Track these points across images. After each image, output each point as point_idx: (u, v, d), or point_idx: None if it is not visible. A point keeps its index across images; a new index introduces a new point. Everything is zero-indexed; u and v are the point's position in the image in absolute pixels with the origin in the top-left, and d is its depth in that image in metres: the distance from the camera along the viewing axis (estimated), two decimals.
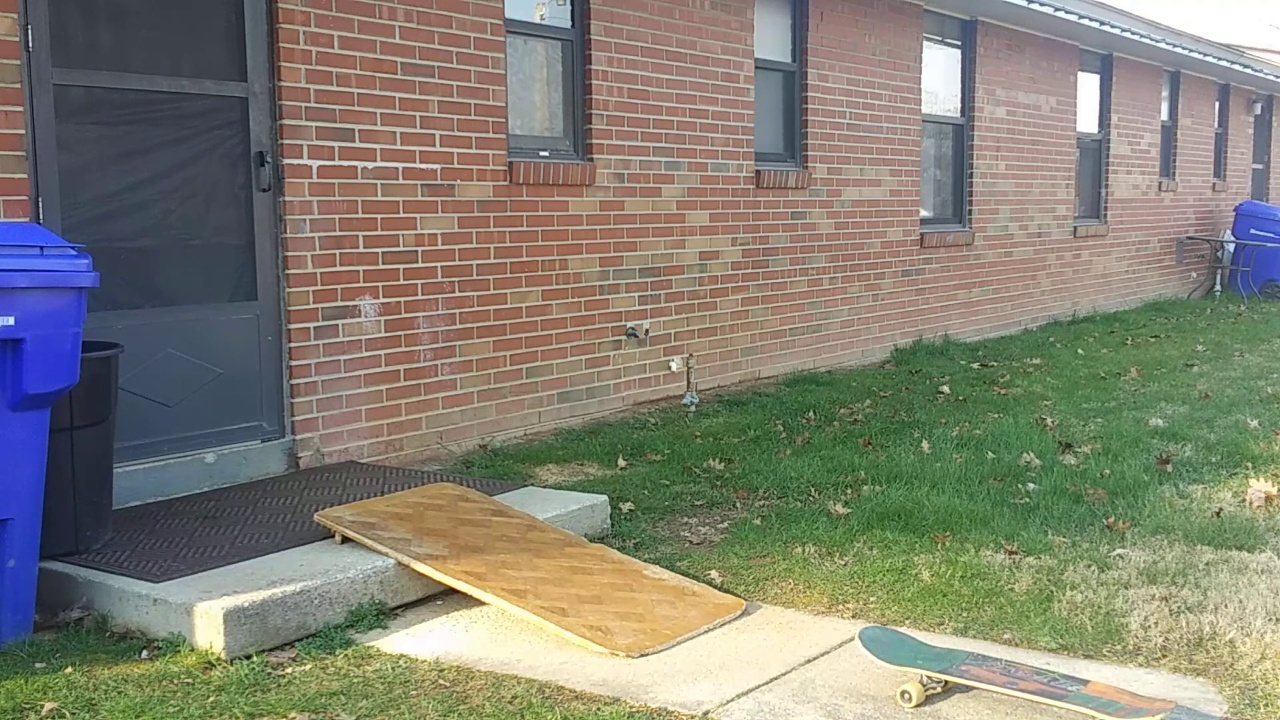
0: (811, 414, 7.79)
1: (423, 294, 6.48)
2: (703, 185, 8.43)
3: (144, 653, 3.92)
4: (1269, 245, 16.65)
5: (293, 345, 5.88)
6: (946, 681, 3.57)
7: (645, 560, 4.81)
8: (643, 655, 3.93)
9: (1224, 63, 16.24)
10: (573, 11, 7.52)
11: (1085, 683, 3.44)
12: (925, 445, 6.77)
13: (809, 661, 3.87)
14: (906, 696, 3.53)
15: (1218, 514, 5.39)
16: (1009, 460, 6.40)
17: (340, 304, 6.07)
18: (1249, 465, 6.30)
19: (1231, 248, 17.26)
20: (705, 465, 6.40)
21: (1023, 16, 11.87)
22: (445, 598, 4.45)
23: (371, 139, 6.18)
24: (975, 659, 3.66)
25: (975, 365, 10.06)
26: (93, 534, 4.46)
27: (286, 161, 5.80)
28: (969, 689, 3.58)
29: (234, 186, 5.69)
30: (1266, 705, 3.51)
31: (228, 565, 4.30)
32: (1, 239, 3.89)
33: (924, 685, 3.54)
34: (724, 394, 8.49)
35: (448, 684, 3.73)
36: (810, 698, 3.60)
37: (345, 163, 6.06)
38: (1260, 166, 19.95)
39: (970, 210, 11.89)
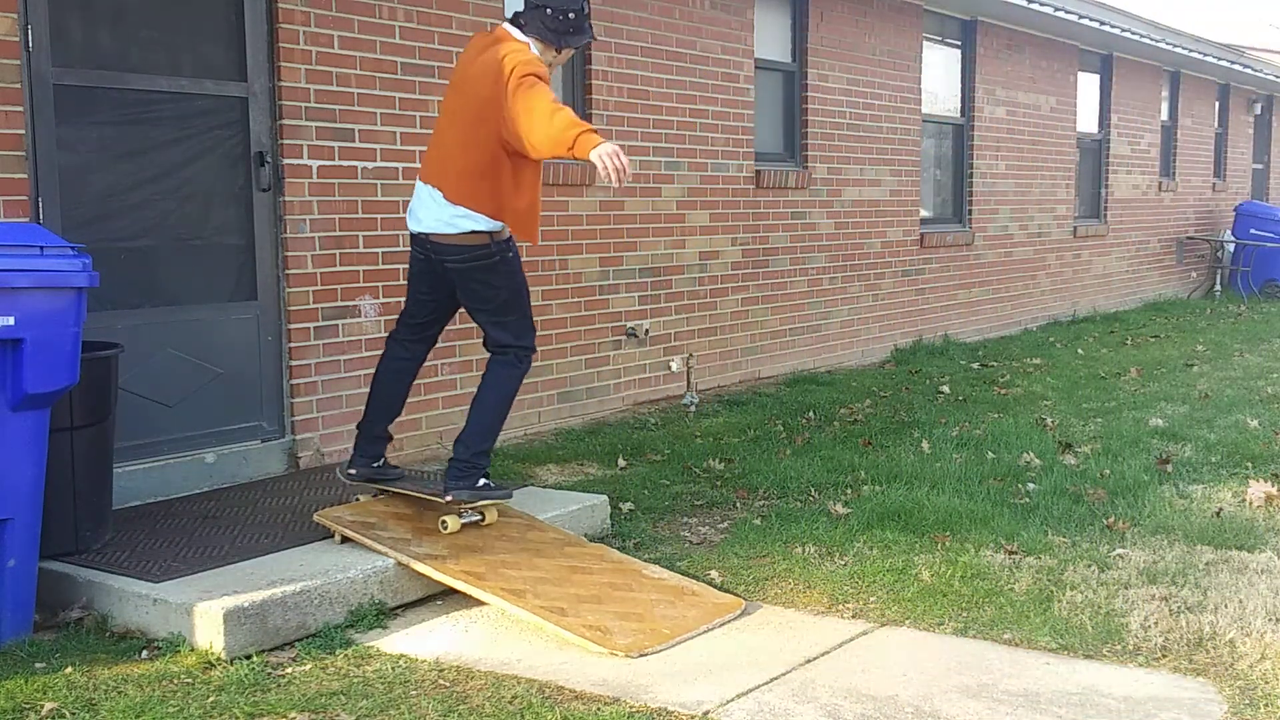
0: (811, 414, 7.80)
1: None
2: (703, 185, 8.43)
3: (144, 653, 3.92)
4: (1269, 245, 16.65)
5: (293, 345, 5.88)
6: (369, 484, 5.00)
7: (645, 560, 4.81)
8: (642, 655, 3.92)
9: (1224, 63, 16.24)
10: None
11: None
12: (925, 445, 6.77)
13: (809, 661, 3.87)
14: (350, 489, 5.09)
15: (1218, 514, 5.39)
16: (1009, 460, 6.40)
17: (340, 304, 6.07)
18: (1249, 465, 6.30)
19: (1231, 248, 17.26)
20: (705, 465, 6.40)
21: (1023, 16, 11.87)
22: (445, 597, 4.45)
23: (371, 139, 6.18)
24: (393, 470, 5.10)
25: (975, 365, 10.07)
26: (93, 534, 4.46)
27: (286, 161, 5.80)
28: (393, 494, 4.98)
29: (234, 186, 5.69)
30: (1266, 705, 3.51)
31: (228, 565, 4.30)
32: (1, 239, 3.89)
33: (374, 495, 5.00)
34: (724, 394, 8.50)
35: (448, 684, 3.73)
36: (810, 698, 3.60)
37: (345, 163, 6.06)
38: (1260, 166, 19.96)
39: (970, 210, 11.89)
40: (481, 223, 4.58)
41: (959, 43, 11.73)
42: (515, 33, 4.65)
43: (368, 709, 3.54)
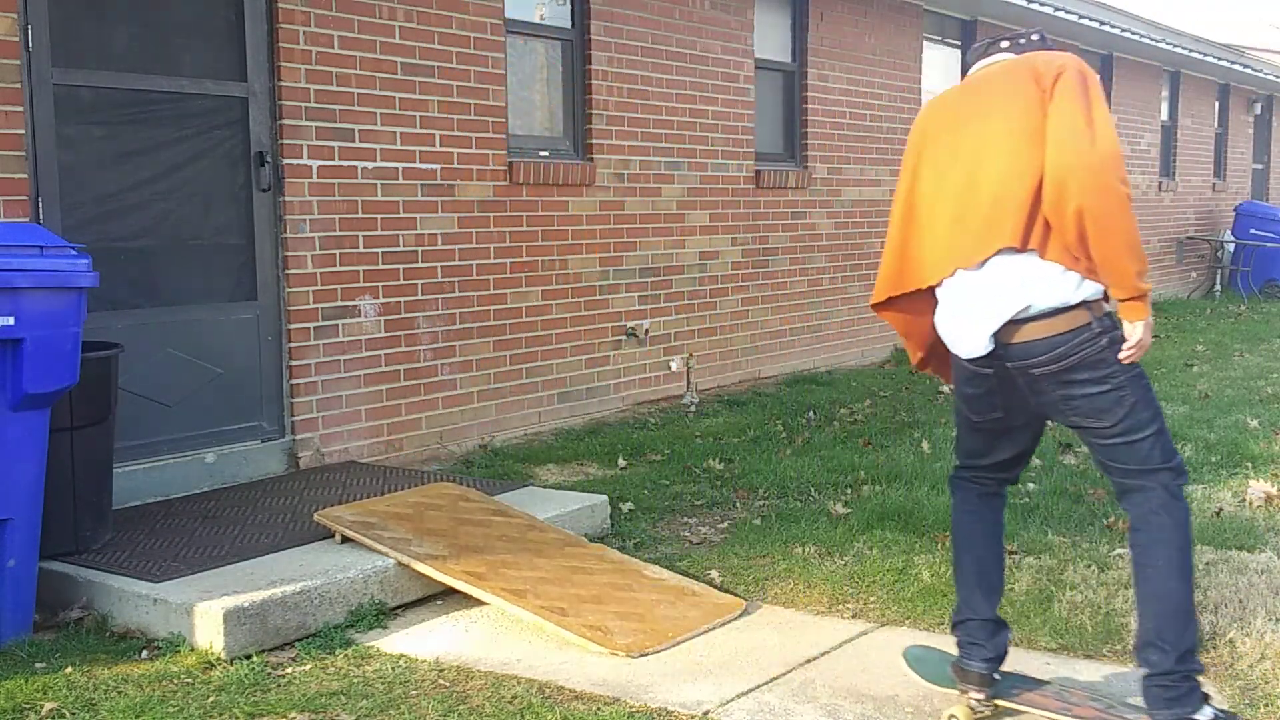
0: (811, 414, 7.80)
1: (423, 294, 6.48)
2: (703, 185, 8.43)
3: (144, 653, 3.92)
4: (1269, 245, 16.65)
5: (293, 345, 5.88)
6: (997, 704, 3.34)
7: (645, 560, 4.81)
8: (643, 655, 3.92)
9: (1224, 63, 16.24)
10: (573, 11, 7.52)
11: (1143, 709, 3.15)
12: (925, 445, 6.77)
13: (809, 661, 3.88)
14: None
15: (1218, 514, 5.39)
16: None
17: (340, 304, 6.07)
18: (1249, 465, 6.30)
19: (1231, 248, 17.26)
20: (705, 465, 6.40)
21: (1022, 16, 11.87)
22: (445, 597, 4.45)
23: (371, 139, 6.18)
24: (1022, 680, 3.47)
25: None
26: (93, 534, 4.46)
27: (286, 161, 5.80)
28: (1019, 713, 3.34)
29: (234, 186, 5.70)
30: (1266, 705, 3.51)
31: (228, 565, 4.30)
32: (1, 239, 3.89)
33: (972, 709, 3.32)
34: (724, 394, 8.50)
35: (448, 684, 3.73)
36: (810, 698, 3.60)
37: (345, 163, 6.06)
38: (1260, 166, 19.96)
39: None
40: (1085, 288, 3.09)
41: (959, 43, 11.73)
42: (1003, 55, 3.39)
43: (368, 709, 3.54)
